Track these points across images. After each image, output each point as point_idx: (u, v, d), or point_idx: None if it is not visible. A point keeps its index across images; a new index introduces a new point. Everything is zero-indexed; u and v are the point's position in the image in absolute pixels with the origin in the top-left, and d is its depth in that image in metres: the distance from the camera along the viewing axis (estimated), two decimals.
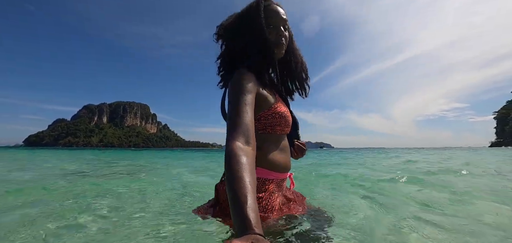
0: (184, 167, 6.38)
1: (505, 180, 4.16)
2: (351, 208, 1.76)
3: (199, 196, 2.43)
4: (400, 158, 10.52)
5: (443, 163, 7.26)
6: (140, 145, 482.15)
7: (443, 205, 1.99)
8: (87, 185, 3.45)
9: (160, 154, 21.80)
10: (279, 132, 0.83)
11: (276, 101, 0.83)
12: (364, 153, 24.81)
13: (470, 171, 4.66)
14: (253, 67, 0.77)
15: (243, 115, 0.61)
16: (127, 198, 2.42)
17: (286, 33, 0.86)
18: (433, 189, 2.77)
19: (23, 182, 3.65)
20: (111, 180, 4.23)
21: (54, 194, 2.64)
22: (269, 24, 0.81)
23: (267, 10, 0.82)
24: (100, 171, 5.43)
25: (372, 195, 2.32)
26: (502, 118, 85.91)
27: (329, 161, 8.98)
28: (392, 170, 5.10)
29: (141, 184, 3.57)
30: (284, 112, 0.83)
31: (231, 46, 0.86)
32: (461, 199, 2.25)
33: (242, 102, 0.63)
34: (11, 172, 5.19)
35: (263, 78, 0.80)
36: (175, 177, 4.47)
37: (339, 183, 3.38)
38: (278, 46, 0.83)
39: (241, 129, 0.58)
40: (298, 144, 1.01)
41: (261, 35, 0.79)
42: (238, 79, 0.70)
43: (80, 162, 8.56)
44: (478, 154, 18.84)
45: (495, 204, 2.08)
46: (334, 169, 5.67)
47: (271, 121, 0.80)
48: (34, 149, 52.45)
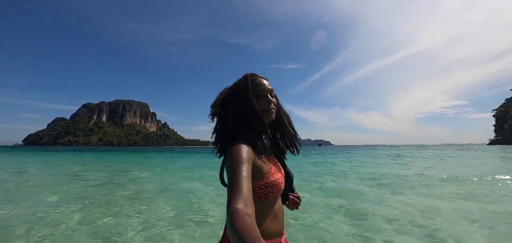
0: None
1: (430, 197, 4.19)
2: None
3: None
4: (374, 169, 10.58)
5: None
6: (139, 144, 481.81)
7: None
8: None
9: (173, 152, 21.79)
10: (272, 197, 0.88)
11: (269, 169, 0.88)
12: (360, 151, 24.96)
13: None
14: (246, 138, 0.83)
15: (242, 185, 0.66)
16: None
17: (274, 99, 0.96)
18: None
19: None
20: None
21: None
22: (257, 95, 0.91)
23: (254, 84, 0.92)
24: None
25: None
26: (501, 116, 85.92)
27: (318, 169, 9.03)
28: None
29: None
30: (276, 180, 0.88)
31: (225, 120, 0.92)
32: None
33: (240, 173, 0.69)
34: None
35: (257, 147, 0.86)
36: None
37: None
38: (267, 113, 0.92)
39: (241, 196, 0.63)
40: (293, 197, 1.06)
41: (251, 106, 0.88)
42: (235, 152, 0.77)
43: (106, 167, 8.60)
44: (468, 155, 19.11)
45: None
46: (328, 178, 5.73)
47: (264, 191, 0.85)
48: (37, 150, 52.56)
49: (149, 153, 32.17)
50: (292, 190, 1.07)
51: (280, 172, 0.94)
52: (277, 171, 0.91)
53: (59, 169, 11.35)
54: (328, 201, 4.81)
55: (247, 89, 0.90)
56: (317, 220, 3.63)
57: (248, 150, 0.79)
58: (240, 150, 0.77)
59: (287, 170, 1.04)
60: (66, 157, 22.70)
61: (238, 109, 0.90)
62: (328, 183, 7.07)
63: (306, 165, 12.90)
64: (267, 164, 0.88)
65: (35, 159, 19.21)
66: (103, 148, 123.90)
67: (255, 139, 0.87)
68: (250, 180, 0.70)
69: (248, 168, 0.73)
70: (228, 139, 0.88)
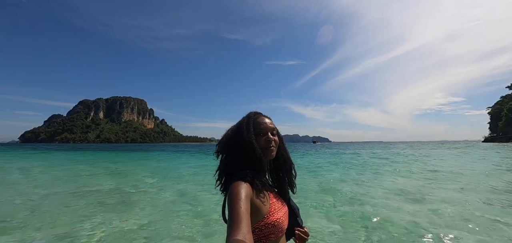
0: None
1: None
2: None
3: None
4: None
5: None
6: (137, 141, 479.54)
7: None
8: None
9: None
10: (273, 238, 0.86)
11: (269, 208, 0.88)
12: (355, 149, 25.41)
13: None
14: (245, 176, 0.86)
15: (241, 220, 0.68)
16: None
17: (275, 137, 0.99)
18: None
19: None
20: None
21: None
22: (258, 133, 0.95)
23: (256, 123, 0.98)
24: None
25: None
26: (495, 113, 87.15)
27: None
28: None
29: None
30: (277, 219, 0.87)
31: (228, 158, 0.97)
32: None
33: (239, 209, 0.72)
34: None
35: (254, 184, 0.87)
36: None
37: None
38: (267, 150, 0.96)
39: (240, 230, 0.65)
40: (299, 233, 1.04)
41: (251, 144, 0.92)
42: (234, 189, 0.79)
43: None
44: (452, 154, 18.53)
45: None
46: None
47: (264, 232, 0.84)
48: (38, 148, 51.09)
49: (157, 152, 30.69)
50: (298, 224, 1.05)
51: (283, 209, 0.94)
52: (278, 209, 0.91)
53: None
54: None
55: (249, 127, 0.96)
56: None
57: (246, 186, 0.82)
58: (239, 186, 0.80)
59: (291, 204, 1.05)
60: (80, 158, 20.39)
61: (239, 147, 0.94)
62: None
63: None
64: (267, 203, 0.88)
65: (45, 158, 18.16)
66: (103, 145, 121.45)
67: (253, 176, 0.88)
68: (249, 216, 0.73)
69: (246, 204, 0.75)
70: (230, 176, 0.93)
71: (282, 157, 1.04)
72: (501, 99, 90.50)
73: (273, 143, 0.97)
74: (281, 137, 1.05)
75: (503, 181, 7.28)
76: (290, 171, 1.05)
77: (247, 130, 0.95)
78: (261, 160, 0.93)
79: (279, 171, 1.05)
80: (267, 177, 1.03)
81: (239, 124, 1.00)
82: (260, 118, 0.99)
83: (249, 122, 0.97)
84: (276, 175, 1.06)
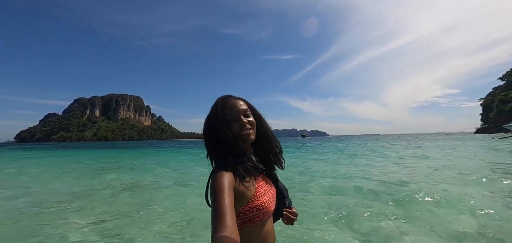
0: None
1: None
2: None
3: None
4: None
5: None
6: (134, 138, 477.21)
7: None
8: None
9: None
10: (258, 221, 0.84)
11: (254, 192, 0.85)
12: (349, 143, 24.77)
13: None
14: (226, 165, 0.82)
15: (225, 214, 0.66)
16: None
17: (249, 119, 0.92)
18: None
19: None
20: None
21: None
22: (230, 120, 0.89)
23: (226, 107, 0.90)
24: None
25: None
26: (487, 105, 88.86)
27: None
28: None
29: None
30: (261, 203, 0.85)
31: (209, 151, 0.92)
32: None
33: (222, 202, 0.69)
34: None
35: (238, 172, 0.83)
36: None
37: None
38: (243, 135, 0.89)
39: (225, 225, 0.63)
40: (287, 213, 1.03)
41: (222, 132, 0.87)
42: (215, 180, 0.76)
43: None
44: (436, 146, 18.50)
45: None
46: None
47: (249, 216, 0.82)
48: (37, 147, 50.45)
49: (162, 150, 28.14)
50: (286, 205, 1.04)
51: (270, 191, 0.93)
52: (265, 192, 0.89)
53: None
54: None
55: (217, 115, 0.90)
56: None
57: (228, 176, 0.78)
58: (220, 177, 0.77)
59: (279, 185, 1.02)
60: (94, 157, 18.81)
61: (213, 137, 0.90)
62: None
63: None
64: (252, 188, 0.86)
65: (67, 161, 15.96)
66: (103, 144, 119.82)
67: (235, 163, 0.84)
68: (233, 207, 0.70)
69: (229, 195, 0.73)
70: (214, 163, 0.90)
71: (262, 135, 0.98)
72: (493, 91, 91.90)
73: (248, 125, 0.91)
74: (258, 114, 0.99)
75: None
76: (273, 148, 1.00)
77: (217, 119, 0.90)
78: (239, 147, 0.88)
79: (262, 150, 1.00)
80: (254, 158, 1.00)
81: (209, 114, 0.94)
82: (231, 102, 0.92)
83: (217, 109, 0.91)
84: (260, 155, 1.01)
